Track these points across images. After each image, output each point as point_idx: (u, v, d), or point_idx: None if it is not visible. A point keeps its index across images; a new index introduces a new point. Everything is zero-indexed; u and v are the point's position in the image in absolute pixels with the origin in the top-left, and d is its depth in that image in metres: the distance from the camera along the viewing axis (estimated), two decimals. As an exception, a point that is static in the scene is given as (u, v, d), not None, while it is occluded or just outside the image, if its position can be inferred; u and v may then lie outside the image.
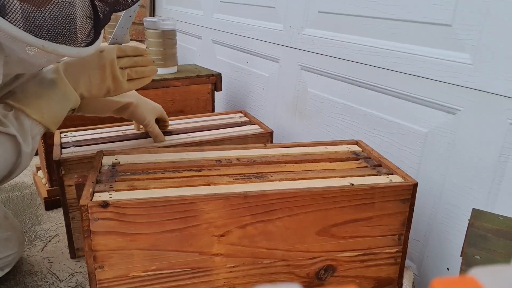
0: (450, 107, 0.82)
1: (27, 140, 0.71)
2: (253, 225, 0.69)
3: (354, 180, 0.74)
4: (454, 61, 0.80)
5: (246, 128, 1.14)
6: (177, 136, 1.07)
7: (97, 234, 0.64)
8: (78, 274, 1.00)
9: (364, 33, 1.00)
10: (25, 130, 0.71)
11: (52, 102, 0.74)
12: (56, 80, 0.75)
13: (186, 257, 0.68)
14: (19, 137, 0.70)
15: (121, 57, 0.81)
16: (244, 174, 0.75)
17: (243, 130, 1.12)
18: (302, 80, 1.24)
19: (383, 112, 0.98)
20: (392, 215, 0.74)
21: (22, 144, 0.70)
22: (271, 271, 0.73)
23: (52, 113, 0.74)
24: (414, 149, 0.91)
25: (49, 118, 0.74)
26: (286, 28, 1.26)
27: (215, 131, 1.11)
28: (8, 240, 0.92)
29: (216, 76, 1.42)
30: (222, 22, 1.64)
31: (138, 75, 0.84)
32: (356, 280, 0.78)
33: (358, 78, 1.03)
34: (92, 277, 0.66)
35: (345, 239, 0.74)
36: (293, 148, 0.90)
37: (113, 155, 0.82)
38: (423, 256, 0.92)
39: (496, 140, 0.74)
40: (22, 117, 0.71)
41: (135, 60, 0.83)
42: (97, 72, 0.78)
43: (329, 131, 1.16)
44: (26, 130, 0.71)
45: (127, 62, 0.82)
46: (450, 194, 0.84)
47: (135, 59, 0.83)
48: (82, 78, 0.77)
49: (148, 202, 0.64)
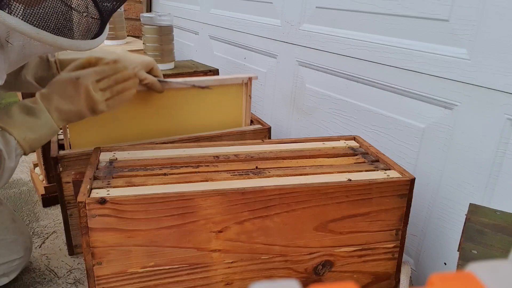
0: (448, 102, 0.82)
1: (11, 157, 0.73)
2: (251, 221, 0.69)
3: (351, 176, 0.74)
4: (451, 56, 0.80)
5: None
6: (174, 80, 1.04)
7: (95, 230, 0.64)
8: (76, 271, 1.00)
9: (362, 29, 0.99)
10: (10, 147, 0.72)
11: (35, 130, 0.75)
12: (36, 110, 0.76)
13: (184, 253, 0.68)
14: (4, 152, 0.71)
15: (100, 80, 0.81)
16: (242, 170, 0.75)
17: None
18: (299, 76, 1.23)
19: (381, 108, 0.98)
20: (389, 210, 0.74)
21: (7, 160, 0.71)
22: (269, 267, 0.73)
23: (33, 140, 0.76)
24: (411, 145, 0.91)
25: (28, 144, 0.75)
26: (284, 23, 1.26)
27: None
28: (14, 244, 0.91)
29: (213, 72, 1.42)
30: (219, 18, 1.63)
31: (119, 92, 0.83)
32: (354, 275, 0.78)
33: (355, 73, 1.03)
34: (90, 274, 0.66)
35: (343, 234, 0.74)
36: (291, 144, 0.90)
37: (111, 151, 0.82)
38: (421, 251, 0.93)
39: (493, 135, 0.75)
40: (8, 136, 0.72)
41: (115, 78, 0.82)
42: (74, 99, 0.79)
43: (326, 126, 1.16)
44: (11, 147, 0.72)
45: (106, 83, 0.81)
46: (447, 189, 0.84)
47: (115, 77, 0.82)
48: (59, 106, 0.78)
49: (146, 199, 0.64)
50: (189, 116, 1.06)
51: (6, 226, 0.91)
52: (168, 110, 1.03)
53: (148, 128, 1.03)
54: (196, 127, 1.07)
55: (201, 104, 1.06)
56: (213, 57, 1.72)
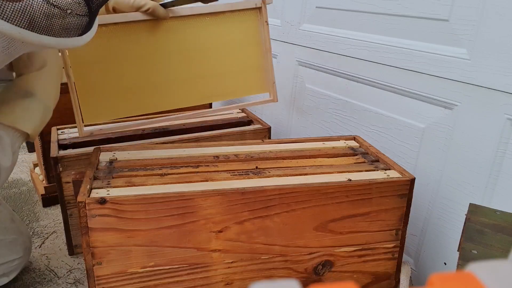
0: (448, 102, 0.82)
1: (8, 155, 0.71)
2: (251, 221, 0.69)
3: (351, 176, 0.74)
4: (451, 56, 0.80)
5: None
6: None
7: (95, 230, 0.64)
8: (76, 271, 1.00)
9: (362, 29, 0.99)
10: (4, 145, 0.71)
11: (37, 113, 0.75)
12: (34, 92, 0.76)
13: (184, 253, 0.68)
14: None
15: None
16: (242, 170, 0.75)
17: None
18: (299, 76, 1.23)
19: (381, 108, 0.98)
20: (389, 210, 0.74)
21: (1, 159, 0.70)
22: (269, 267, 0.73)
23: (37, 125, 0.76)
24: (411, 145, 0.91)
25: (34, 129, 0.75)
26: (284, 23, 1.26)
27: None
28: (13, 244, 0.91)
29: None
30: (219, 18, 1.63)
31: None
32: (353, 275, 0.78)
33: (355, 73, 1.03)
34: (90, 274, 0.66)
35: (343, 234, 0.74)
36: (291, 144, 0.90)
37: (111, 151, 0.82)
38: (420, 251, 0.93)
39: (493, 135, 0.75)
40: (1, 133, 0.71)
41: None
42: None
43: (326, 126, 1.16)
44: (5, 145, 0.71)
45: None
46: (447, 189, 0.84)
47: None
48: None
49: (146, 199, 0.64)
50: (204, 61, 0.94)
51: (5, 226, 0.91)
52: (175, 43, 0.91)
53: (160, 81, 0.91)
54: (213, 78, 0.95)
55: (212, 36, 0.94)
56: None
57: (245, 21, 0.96)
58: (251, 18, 0.97)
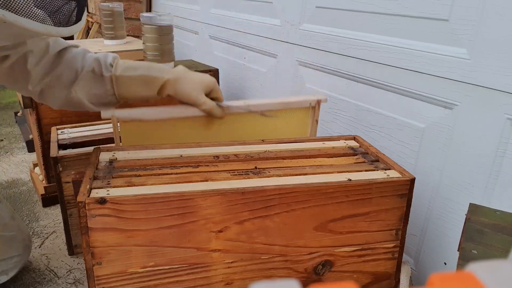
0: (448, 102, 0.82)
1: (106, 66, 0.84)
2: (251, 220, 0.69)
3: (351, 176, 0.74)
4: (451, 56, 0.80)
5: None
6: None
7: (95, 230, 0.64)
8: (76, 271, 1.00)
9: (362, 28, 0.99)
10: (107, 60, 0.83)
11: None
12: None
13: (184, 253, 0.68)
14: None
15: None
16: (241, 170, 0.75)
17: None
18: (299, 76, 1.23)
19: (381, 107, 0.98)
20: (389, 210, 0.74)
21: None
22: (269, 267, 0.73)
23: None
24: (411, 144, 0.91)
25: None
26: (284, 23, 1.26)
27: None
28: (12, 240, 0.91)
29: (213, 72, 1.42)
30: (219, 17, 1.63)
31: None
32: (353, 275, 0.78)
33: (355, 73, 1.03)
34: (90, 274, 0.66)
35: (343, 234, 0.74)
36: (290, 143, 0.90)
37: (110, 151, 0.82)
38: (420, 251, 0.93)
39: (493, 135, 0.75)
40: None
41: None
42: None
43: (326, 126, 1.16)
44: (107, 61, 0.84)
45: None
46: (447, 189, 0.84)
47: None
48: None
49: (146, 199, 0.64)
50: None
51: (5, 223, 0.91)
52: (226, 135, 0.94)
53: None
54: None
55: (262, 132, 0.97)
56: (213, 57, 1.72)
57: (297, 117, 0.98)
58: (304, 116, 0.98)
